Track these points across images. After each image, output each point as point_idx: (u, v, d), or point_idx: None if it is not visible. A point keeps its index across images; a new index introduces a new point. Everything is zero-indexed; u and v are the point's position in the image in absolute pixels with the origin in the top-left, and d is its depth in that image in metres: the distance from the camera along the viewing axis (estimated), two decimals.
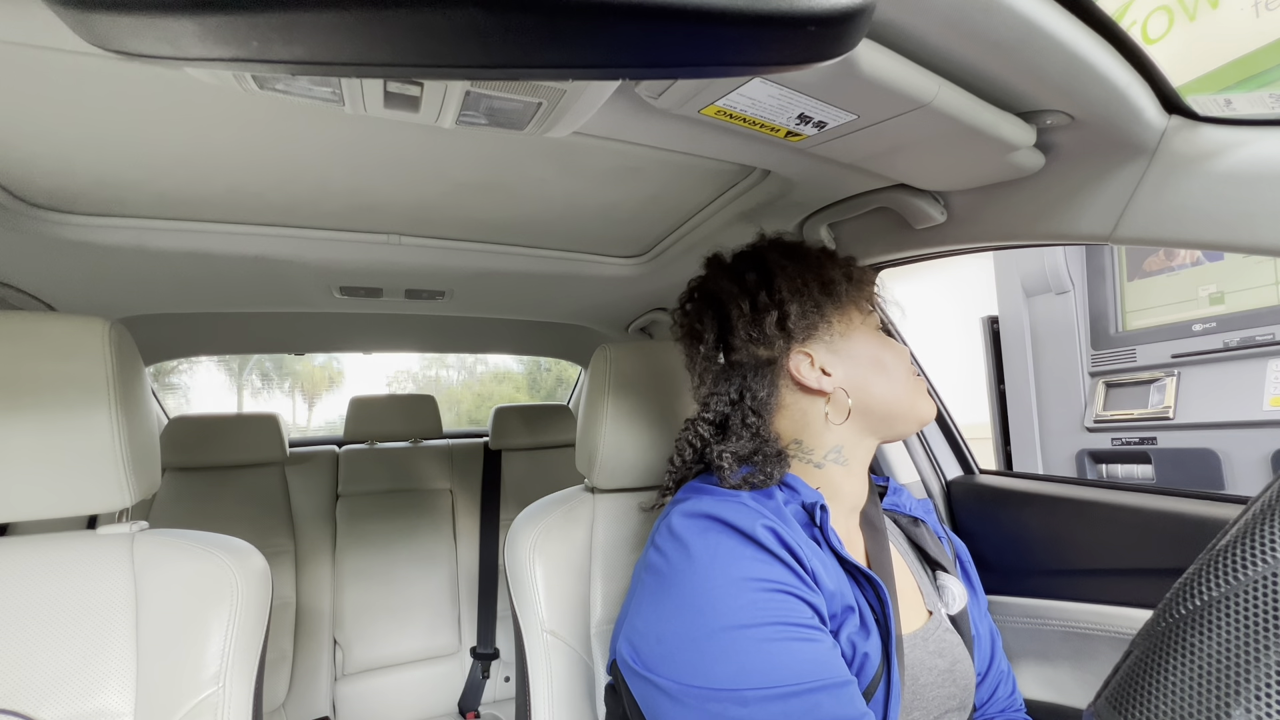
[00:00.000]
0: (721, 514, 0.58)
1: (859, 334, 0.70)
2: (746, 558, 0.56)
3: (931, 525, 0.79)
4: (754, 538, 0.56)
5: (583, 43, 0.24)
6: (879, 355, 0.69)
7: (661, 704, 0.54)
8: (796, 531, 0.59)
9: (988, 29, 0.46)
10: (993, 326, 2.72)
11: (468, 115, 0.53)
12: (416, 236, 1.05)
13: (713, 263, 0.76)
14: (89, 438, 0.68)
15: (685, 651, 0.54)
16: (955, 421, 1.17)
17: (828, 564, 0.60)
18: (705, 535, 0.58)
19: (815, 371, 0.67)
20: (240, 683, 0.66)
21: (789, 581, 0.55)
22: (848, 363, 0.68)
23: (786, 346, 0.67)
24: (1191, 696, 0.26)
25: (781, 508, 0.61)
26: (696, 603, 0.55)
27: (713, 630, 0.53)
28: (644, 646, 0.57)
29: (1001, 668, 0.76)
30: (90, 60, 0.52)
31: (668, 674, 0.54)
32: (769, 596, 0.54)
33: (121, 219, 0.91)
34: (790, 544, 0.56)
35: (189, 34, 0.23)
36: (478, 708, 1.85)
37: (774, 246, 0.73)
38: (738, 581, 0.54)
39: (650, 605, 0.59)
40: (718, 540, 0.57)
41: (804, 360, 0.67)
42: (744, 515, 0.57)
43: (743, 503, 0.60)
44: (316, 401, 8.80)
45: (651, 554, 0.62)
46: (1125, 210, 0.62)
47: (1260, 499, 0.28)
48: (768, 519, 0.57)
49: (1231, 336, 2.04)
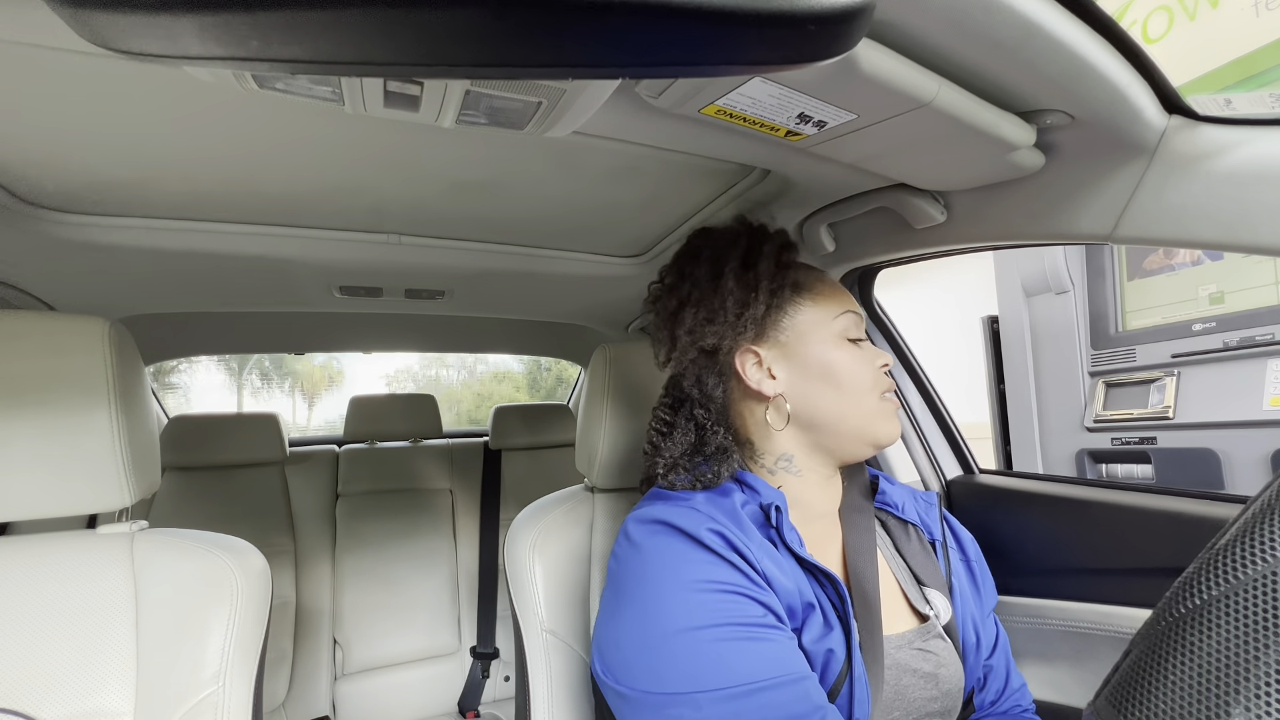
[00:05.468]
0: (670, 518, 0.59)
1: (816, 340, 0.66)
2: (695, 560, 0.56)
3: (928, 527, 0.75)
4: (700, 540, 0.56)
5: (583, 42, 0.24)
6: (832, 367, 0.65)
7: (625, 715, 0.55)
8: (749, 532, 0.59)
9: (988, 29, 0.46)
10: (993, 326, 2.72)
11: (468, 115, 0.53)
12: (416, 236, 1.05)
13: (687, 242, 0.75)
14: (89, 437, 0.68)
15: (640, 657, 0.54)
16: (955, 421, 1.17)
17: (784, 563, 0.60)
18: (654, 539, 0.59)
19: (760, 372, 0.66)
20: (240, 682, 0.66)
21: (738, 582, 0.55)
22: (795, 369, 0.66)
23: (733, 341, 0.66)
24: (1191, 695, 0.26)
25: (737, 509, 0.61)
26: (648, 608, 0.55)
27: (665, 634, 0.53)
28: (606, 653, 0.58)
29: (1007, 668, 0.74)
30: (90, 59, 0.52)
31: (627, 681, 0.54)
32: (718, 598, 0.54)
33: (121, 219, 0.91)
34: (738, 546, 0.57)
35: (189, 32, 0.23)
36: (477, 707, 1.85)
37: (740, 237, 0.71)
38: (687, 584, 0.55)
39: (610, 613, 0.60)
40: (667, 545, 0.58)
41: (750, 358, 0.66)
42: (691, 519, 0.58)
43: (693, 507, 0.60)
44: (316, 401, 8.80)
45: (610, 563, 0.63)
46: (1125, 210, 0.62)
47: (1260, 498, 0.28)
48: (715, 523, 0.58)
49: (1231, 336, 2.04)
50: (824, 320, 0.68)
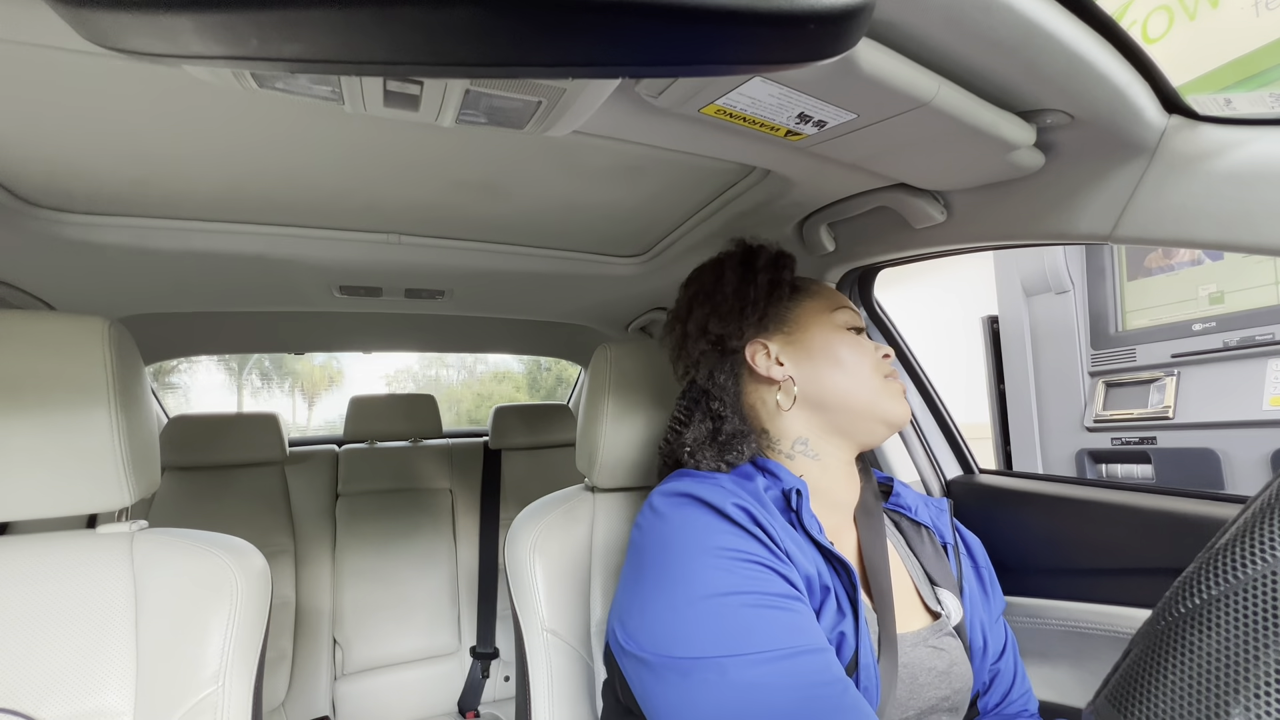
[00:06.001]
0: (696, 492, 0.61)
1: (818, 328, 0.72)
2: (720, 530, 0.57)
3: (940, 531, 0.77)
4: (726, 513, 0.58)
5: (583, 41, 0.24)
6: (836, 350, 0.71)
7: (647, 682, 0.55)
8: (773, 514, 0.61)
9: (988, 28, 0.46)
10: (993, 326, 2.72)
11: (467, 114, 0.53)
12: (416, 236, 1.05)
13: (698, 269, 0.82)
14: (89, 437, 0.68)
15: (664, 621, 0.55)
16: (955, 421, 1.17)
17: (803, 547, 0.61)
18: (681, 510, 0.60)
19: (770, 361, 0.72)
20: (240, 682, 0.66)
21: (762, 554, 0.56)
22: (802, 355, 0.72)
23: (745, 336, 0.72)
24: (1191, 695, 0.26)
25: (761, 493, 0.64)
26: (673, 573, 0.56)
27: (690, 599, 0.54)
28: (629, 620, 0.58)
29: (1015, 672, 0.75)
30: (90, 59, 0.52)
31: (650, 647, 0.55)
32: (744, 566, 0.55)
33: (121, 218, 0.91)
34: (762, 522, 0.58)
35: (188, 31, 0.23)
36: (477, 707, 1.85)
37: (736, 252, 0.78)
38: (713, 551, 0.56)
39: (633, 580, 0.61)
40: (693, 515, 0.59)
41: (760, 350, 0.72)
42: (717, 494, 0.60)
43: (719, 484, 0.62)
44: (316, 401, 8.81)
45: (634, 534, 0.64)
46: (1125, 210, 0.62)
47: (1259, 498, 0.28)
48: (742, 499, 0.59)
49: (1231, 336, 2.04)
50: (823, 311, 0.74)
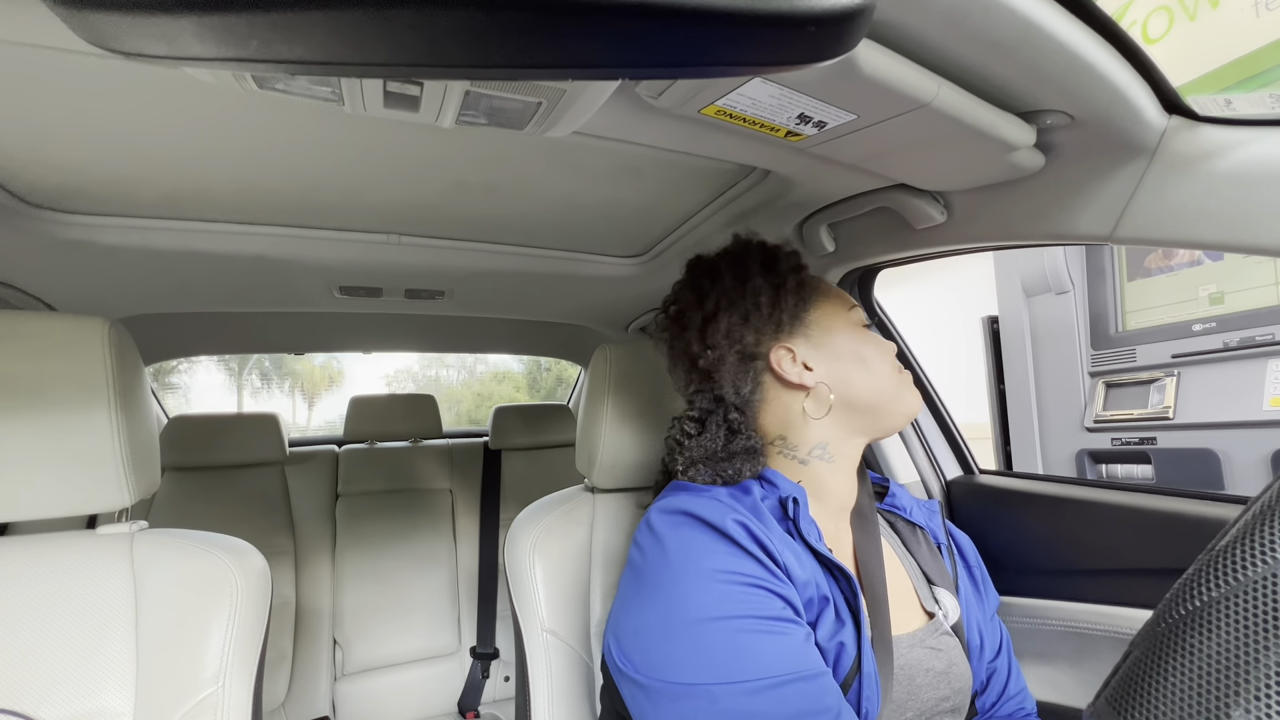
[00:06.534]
0: (694, 509, 0.59)
1: (841, 329, 0.71)
2: (718, 551, 0.56)
3: (933, 532, 0.77)
4: (725, 532, 0.57)
5: (583, 42, 0.24)
6: (860, 350, 0.70)
7: (641, 703, 0.55)
8: (770, 526, 0.60)
9: (988, 29, 0.46)
10: (993, 326, 2.72)
11: (467, 115, 0.53)
12: (416, 236, 1.05)
13: (694, 264, 0.77)
14: (89, 437, 0.67)
15: (659, 644, 0.54)
16: (955, 421, 1.17)
17: (801, 556, 0.61)
18: (678, 530, 0.59)
19: (797, 366, 0.68)
20: (240, 682, 0.66)
21: (759, 575, 0.56)
22: (829, 357, 0.69)
23: (770, 341, 0.69)
24: (1191, 697, 0.26)
25: (758, 504, 0.63)
26: (668, 595, 0.56)
27: (685, 623, 0.54)
28: (624, 640, 0.58)
29: (1009, 670, 0.75)
30: (90, 60, 0.52)
31: (644, 669, 0.55)
32: (740, 589, 0.55)
33: (122, 219, 0.91)
34: (761, 538, 0.57)
35: (188, 33, 0.23)
36: (477, 707, 1.85)
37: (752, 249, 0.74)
38: (708, 574, 0.55)
39: (629, 600, 0.60)
40: (691, 535, 0.58)
41: (786, 355, 0.68)
42: (716, 510, 0.59)
43: (716, 498, 0.61)
44: (316, 401, 8.81)
45: (632, 551, 0.63)
46: (1125, 210, 0.62)
47: (1260, 499, 0.28)
48: (739, 514, 0.58)
49: (1231, 336, 2.04)
50: (841, 311, 0.72)
